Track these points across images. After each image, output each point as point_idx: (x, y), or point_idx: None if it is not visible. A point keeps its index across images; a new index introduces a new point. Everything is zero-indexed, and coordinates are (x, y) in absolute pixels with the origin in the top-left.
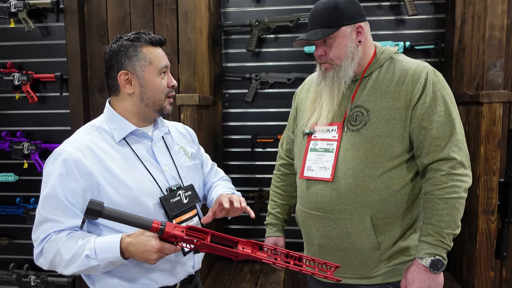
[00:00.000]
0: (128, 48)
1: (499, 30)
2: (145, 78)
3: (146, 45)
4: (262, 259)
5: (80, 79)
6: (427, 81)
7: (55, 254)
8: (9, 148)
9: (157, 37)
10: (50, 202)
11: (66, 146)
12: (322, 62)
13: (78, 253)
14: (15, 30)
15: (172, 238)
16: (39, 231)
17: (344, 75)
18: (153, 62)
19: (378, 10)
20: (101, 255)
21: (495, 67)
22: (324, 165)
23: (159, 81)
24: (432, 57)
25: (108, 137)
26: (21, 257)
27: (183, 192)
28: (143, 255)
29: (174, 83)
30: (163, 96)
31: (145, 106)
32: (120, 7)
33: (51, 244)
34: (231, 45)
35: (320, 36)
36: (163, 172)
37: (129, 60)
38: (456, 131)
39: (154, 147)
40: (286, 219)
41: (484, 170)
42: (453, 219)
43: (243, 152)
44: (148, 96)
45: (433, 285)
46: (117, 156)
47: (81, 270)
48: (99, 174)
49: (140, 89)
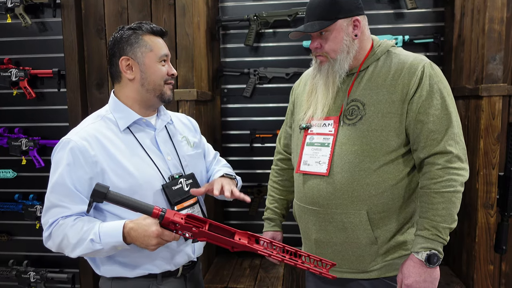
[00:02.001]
0: (130, 35)
1: (498, 23)
2: (146, 64)
3: (148, 33)
4: (257, 250)
5: (78, 74)
6: (424, 74)
7: (62, 238)
8: (7, 145)
9: (158, 27)
10: (58, 189)
11: (73, 135)
12: (318, 54)
13: (83, 237)
14: (11, 25)
15: (172, 225)
16: (48, 215)
17: (339, 68)
18: (153, 49)
19: (377, 3)
20: (105, 239)
21: (495, 61)
22: (320, 160)
23: (159, 67)
24: (432, 51)
25: (113, 126)
26: (20, 253)
27: (184, 180)
28: (144, 240)
29: (174, 72)
30: (162, 82)
31: (146, 92)
32: (118, 2)
33: (59, 228)
34: (229, 40)
35: (316, 28)
36: (165, 161)
37: (131, 47)
38: (453, 125)
39: (157, 136)
40: (284, 214)
41: (483, 163)
42: (449, 213)
43: (241, 148)
44: (149, 81)
45: (429, 279)
46: (121, 144)
47: (86, 253)
48: (104, 162)
49: (141, 74)
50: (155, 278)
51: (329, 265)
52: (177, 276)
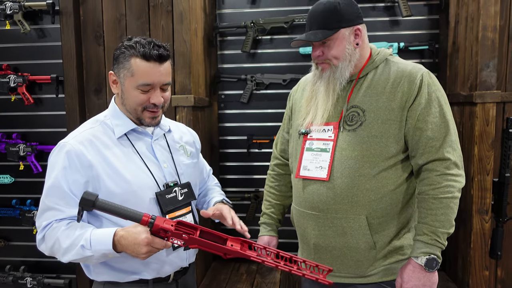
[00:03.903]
0: (120, 54)
1: (492, 31)
2: (125, 86)
3: (138, 56)
4: (250, 256)
5: (76, 80)
6: (422, 82)
7: (54, 241)
8: (5, 150)
9: (155, 52)
10: (54, 192)
11: (70, 138)
12: (320, 62)
13: (74, 243)
14: (10, 32)
15: (162, 232)
16: (42, 218)
17: (340, 76)
18: (134, 75)
19: (373, 11)
20: (95, 246)
21: (488, 68)
22: (320, 165)
23: (136, 94)
24: (426, 58)
25: (110, 132)
26: (17, 259)
27: (179, 189)
28: (134, 248)
29: (157, 101)
30: (139, 108)
31: (126, 111)
32: (116, 9)
33: (52, 232)
34: (227, 46)
35: (319, 37)
36: (161, 168)
37: (117, 65)
38: (450, 132)
39: (154, 144)
40: (280, 219)
41: (478, 170)
42: (448, 219)
43: (239, 153)
44: (126, 103)
45: (428, 283)
46: (117, 150)
47: (77, 258)
48: (100, 167)
49: (121, 93)
50: (147, 284)
51: (326, 270)
52: (169, 282)
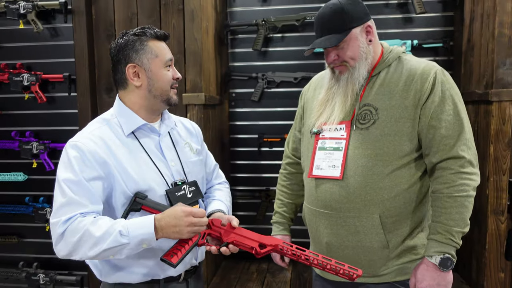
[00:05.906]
0: (135, 42)
1: (508, 27)
2: (152, 71)
3: (152, 39)
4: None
5: (88, 79)
6: (436, 80)
7: (82, 233)
8: (19, 148)
9: (161, 31)
10: (75, 186)
11: (80, 138)
12: (336, 65)
13: (109, 231)
14: (24, 31)
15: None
16: (61, 212)
17: (358, 75)
18: (159, 55)
19: (386, 8)
20: (134, 231)
21: (505, 65)
22: (334, 164)
23: (165, 73)
24: (441, 56)
25: (118, 130)
26: (30, 255)
27: (187, 187)
28: (176, 223)
29: (179, 76)
30: (168, 87)
31: (153, 98)
32: (128, 8)
33: (78, 225)
34: (238, 44)
35: (333, 42)
36: (169, 167)
37: (136, 54)
38: (465, 130)
39: (162, 141)
40: (292, 218)
41: (493, 169)
42: (462, 217)
43: (249, 152)
44: (156, 87)
45: (443, 282)
46: (126, 149)
47: (110, 247)
48: (112, 165)
49: (148, 81)
50: (158, 284)
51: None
52: (179, 281)
